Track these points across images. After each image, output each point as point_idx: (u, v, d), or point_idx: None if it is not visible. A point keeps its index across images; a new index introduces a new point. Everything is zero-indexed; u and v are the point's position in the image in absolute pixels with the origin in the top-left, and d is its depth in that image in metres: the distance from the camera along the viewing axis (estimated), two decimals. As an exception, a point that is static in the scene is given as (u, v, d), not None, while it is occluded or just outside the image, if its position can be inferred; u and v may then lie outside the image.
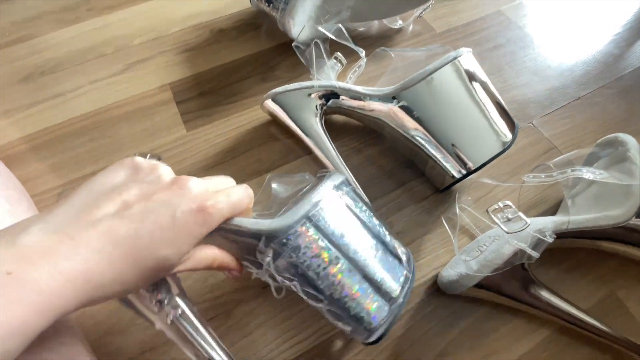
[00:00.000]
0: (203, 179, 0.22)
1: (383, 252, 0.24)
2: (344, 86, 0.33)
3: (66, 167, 0.37)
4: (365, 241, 0.23)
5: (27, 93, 0.42)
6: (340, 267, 0.22)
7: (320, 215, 0.22)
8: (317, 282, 0.22)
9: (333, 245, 0.22)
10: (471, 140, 0.30)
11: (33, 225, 0.15)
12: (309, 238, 0.22)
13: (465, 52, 0.33)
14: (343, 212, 0.23)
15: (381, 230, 0.25)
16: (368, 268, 0.23)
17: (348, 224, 0.23)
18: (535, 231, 0.24)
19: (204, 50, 0.45)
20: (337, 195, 0.24)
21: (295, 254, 0.22)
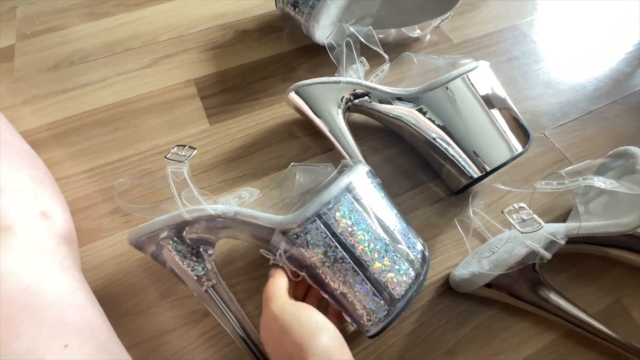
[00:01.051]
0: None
1: (393, 252, 0.25)
2: (370, 85, 0.34)
3: (92, 153, 0.38)
4: (374, 242, 0.24)
5: (55, 81, 0.44)
6: (345, 266, 0.24)
7: (330, 215, 0.24)
8: (322, 277, 0.24)
9: (340, 244, 0.24)
10: (488, 144, 0.32)
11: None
12: (318, 235, 0.23)
13: (483, 64, 0.34)
14: (355, 211, 0.24)
15: (397, 228, 0.26)
16: (373, 269, 0.24)
17: (359, 224, 0.24)
18: (548, 233, 0.25)
19: (228, 49, 0.47)
20: (351, 194, 0.25)
21: (304, 249, 0.24)
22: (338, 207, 0.24)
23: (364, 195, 0.25)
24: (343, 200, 0.24)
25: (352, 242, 0.24)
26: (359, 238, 0.24)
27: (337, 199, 0.24)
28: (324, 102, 0.35)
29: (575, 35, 0.50)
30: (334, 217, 0.24)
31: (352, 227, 0.24)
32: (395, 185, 0.36)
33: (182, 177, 0.26)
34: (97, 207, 0.35)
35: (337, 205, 0.24)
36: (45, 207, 0.28)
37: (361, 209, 0.25)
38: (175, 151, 0.28)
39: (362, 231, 0.24)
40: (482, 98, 0.33)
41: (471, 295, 0.30)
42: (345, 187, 0.25)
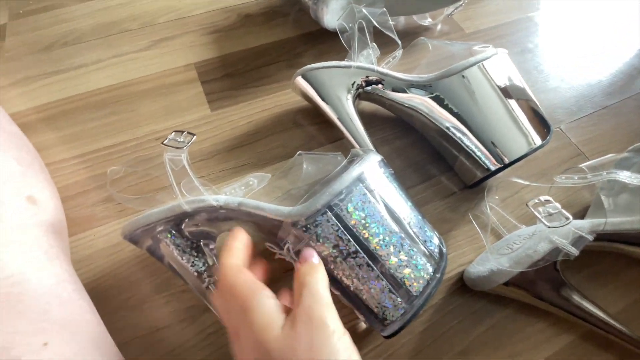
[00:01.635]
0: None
1: (410, 247, 0.23)
2: (382, 70, 0.33)
3: (84, 138, 0.36)
4: (390, 235, 0.22)
5: (47, 62, 0.42)
6: (358, 260, 0.22)
7: (342, 206, 0.22)
8: (333, 272, 0.22)
9: (353, 238, 0.22)
10: (506, 135, 0.30)
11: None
12: (329, 228, 0.22)
13: (502, 52, 0.32)
14: (368, 202, 0.23)
15: (413, 221, 0.24)
16: (389, 264, 0.22)
17: (372, 216, 0.22)
18: (576, 228, 0.23)
19: (230, 34, 0.45)
20: (364, 184, 0.23)
21: (313, 243, 0.22)
22: (350, 198, 0.22)
23: (377, 186, 0.24)
24: (355, 191, 0.22)
25: (365, 235, 0.22)
26: (373, 231, 0.22)
27: (349, 189, 0.22)
28: (333, 87, 0.33)
29: (591, 29, 0.49)
30: (346, 208, 0.22)
31: (365, 219, 0.22)
32: (406, 178, 0.35)
33: (181, 165, 0.24)
34: (89, 194, 0.33)
35: (349, 196, 0.22)
36: (33, 191, 0.26)
37: (374, 200, 0.23)
38: (172, 137, 0.26)
39: (376, 224, 0.22)
40: (499, 87, 0.31)
41: (485, 294, 0.29)
42: (357, 177, 0.23)
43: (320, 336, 0.17)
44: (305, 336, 0.17)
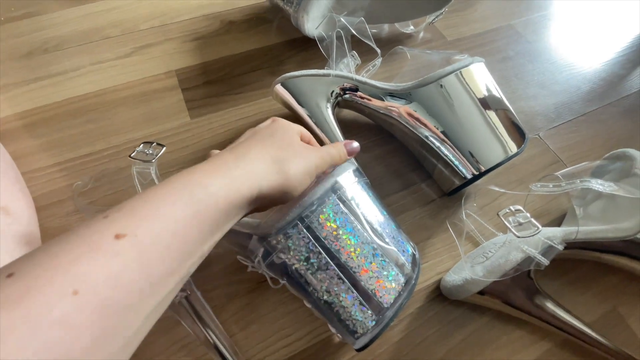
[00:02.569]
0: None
1: (382, 257, 0.23)
2: (361, 79, 0.33)
3: (61, 146, 0.36)
4: (362, 246, 0.22)
5: (27, 69, 0.41)
6: (329, 273, 0.22)
7: (313, 217, 0.22)
8: (304, 286, 0.22)
9: (324, 250, 0.22)
10: (482, 144, 0.30)
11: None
12: (300, 240, 0.22)
13: (478, 61, 0.33)
14: (340, 213, 0.22)
15: (386, 231, 0.24)
16: (360, 276, 0.22)
17: (344, 227, 0.22)
18: (545, 238, 0.23)
19: (213, 40, 0.45)
20: (336, 194, 0.23)
21: (284, 255, 0.22)
22: (322, 209, 0.22)
23: (351, 196, 0.23)
24: (327, 201, 0.22)
25: (337, 247, 0.22)
26: (344, 242, 0.22)
27: (321, 200, 0.22)
28: (312, 95, 0.33)
29: (570, 37, 0.49)
30: (317, 219, 0.22)
31: (338, 230, 0.22)
32: (386, 185, 0.35)
33: (150, 178, 0.24)
34: (64, 204, 0.32)
35: (321, 207, 0.22)
36: (7, 202, 0.26)
37: (347, 211, 0.23)
38: (141, 149, 0.25)
39: (348, 235, 0.22)
40: (476, 96, 0.31)
41: (463, 302, 0.29)
42: (330, 187, 0.23)
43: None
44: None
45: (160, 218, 0.15)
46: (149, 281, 0.14)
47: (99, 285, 0.12)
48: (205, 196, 0.16)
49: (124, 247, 0.13)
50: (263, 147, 0.20)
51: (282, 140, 0.21)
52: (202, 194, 0.16)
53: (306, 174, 0.21)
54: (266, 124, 0.24)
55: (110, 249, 0.13)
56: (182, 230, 0.15)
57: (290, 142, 0.22)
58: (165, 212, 0.15)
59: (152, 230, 0.14)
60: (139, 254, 0.13)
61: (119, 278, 0.13)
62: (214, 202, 0.17)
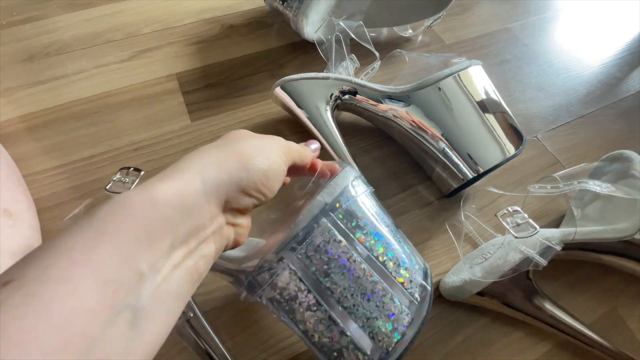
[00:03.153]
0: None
1: (383, 293, 0.20)
2: (359, 82, 0.33)
3: (63, 149, 0.36)
4: (357, 281, 0.19)
5: (30, 73, 0.42)
6: (319, 315, 0.19)
7: (300, 250, 0.19)
8: (295, 324, 0.20)
9: (314, 287, 0.19)
10: (480, 145, 0.30)
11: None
12: (286, 277, 0.19)
13: (476, 64, 0.33)
14: (332, 242, 0.19)
15: (392, 255, 0.21)
16: (355, 318, 0.19)
17: (336, 259, 0.19)
18: (543, 239, 0.24)
19: (213, 44, 0.45)
20: (329, 219, 0.20)
21: (272, 292, 0.19)
22: (310, 239, 0.19)
23: (347, 218, 0.20)
24: (317, 229, 0.19)
25: (327, 284, 0.19)
26: (337, 278, 0.19)
27: (309, 228, 0.19)
28: (311, 98, 0.33)
29: (567, 40, 0.50)
30: (304, 252, 0.19)
31: (329, 263, 0.19)
32: (385, 187, 0.35)
33: None
34: (65, 206, 0.32)
35: (308, 237, 0.19)
36: (9, 204, 0.26)
37: (341, 238, 0.19)
38: (118, 177, 0.24)
39: (341, 269, 0.19)
40: (474, 98, 0.32)
41: (462, 304, 0.29)
42: (320, 212, 0.19)
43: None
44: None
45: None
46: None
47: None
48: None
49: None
50: (201, 153, 0.17)
51: (225, 138, 0.19)
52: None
53: (270, 151, 0.18)
54: None
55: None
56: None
57: (235, 135, 0.19)
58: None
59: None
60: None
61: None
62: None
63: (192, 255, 0.14)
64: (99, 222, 0.12)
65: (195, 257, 0.14)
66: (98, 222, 0.12)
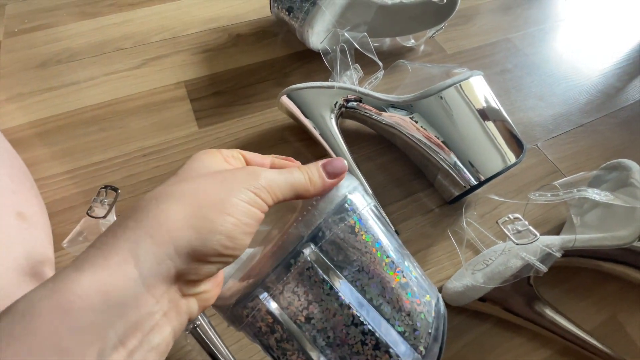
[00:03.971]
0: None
1: (375, 346, 0.16)
2: (363, 90, 0.34)
3: (74, 154, 0.37)
4: (343, 333, 0.16)
5: (41, 79, 0.43)
6: (298, 356, 0.16)
7: (274, 291, 0.16)
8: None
9: (291, 335, 0.16)
10: (481, 154, 0.31)
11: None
12: (260, 320, 0.16)
13: (477, 74, 0.34)
14: (310, 282, 0.16)
15: (382, 297, 0.17)
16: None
17: (317, 304, 0.16)
18: (544, 246, 0.24)
19: (220, 53, 0.46)
20: (308, 253, 0.17)
21: (249, 329, 0.17)
22: (285, 278, 0.16)
23: (334, 248, 0.17)
24: (294, 267, 0.16)
25: (308, 330, 0.16)
26: (318, 325, 0.16)
27: (285, 263, 0.16)
28: (316, 106, 0.34)
29: (567, 50, 0.51)
30: (279, 293, 0.16)
31: (307, 307, 0.16)
32: (388, 194, 0.36)
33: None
34: (75, 210, 0.33)
35: (283, 276, 0.16)
36: (23, 207, 0.27)
37: (322, 275, 0.16)
38: (96, 198, 0.24)
39: (324, 315, 0.16)
40: (475, 107, 0.32)
41: (464, 309, 0.29)
42: (298, 244, 0.17)
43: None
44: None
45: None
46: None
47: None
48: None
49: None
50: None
51: (175, 181, 0.15)
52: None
53: (235, 201, 0.14)
54: None
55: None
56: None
57: (183, 175, 0.15)
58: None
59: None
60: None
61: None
62: None
63: (135, 354, 0.11)
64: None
65: (140, 353, 0.11)
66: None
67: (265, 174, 0.16)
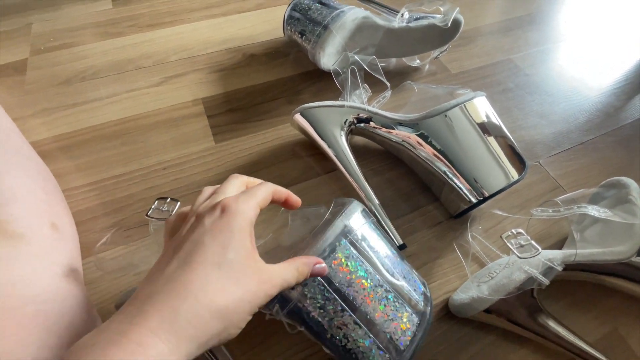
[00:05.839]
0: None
1: (395, 299, 0.23)
2: (372, 109, 0.36)
3: (96, 167, 0.39)
4: (374, 290, 0.23)
5: (65, 95, 0.45)
6: (346, 319, 0.22)
7: (326, 264, 0.22)
8: (322, 332, 0.23)
9: (339, 296, 0.22)
10: (485, 171, 0.33)
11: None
12: (315, 288, 0.22)
13: (480, 95, 0.36)
14: (352, 257, 0.23)
15: (397, 270, 0.25)
16: (376, 320, 0.22)
17: (356, 272, 0.23)
18: (546, 260, 0.25)
19: (235, 72, 0.49)
20: (347, 238, 0.23)
21: (301, 304, 0.22)
22: (334, 255, 0.23)
23: (361, 238, 0.24)
24: (339, 246, 0.23)
25: (351, 292, 0.22)
26: (358, 287, 0.23)
27: (332, 245, 0.23)
28: (327, 124, 0.36)
29: (567, 70, 0.53)
30: (330, 265, 0.22)
31: (351, 275, 0.23)
32: (395, 207, 0.37)
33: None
34: (99, 220, 0.35)
35: (333, 253, 0.23)
36: (55, 219, 0.29)
37: (358, 254, 0.23)
38: (156, 206, 0.26)
39: (362, 279, 0.23)
40: (479, 126, 0.34)
41: (470, 321, 0.30)
42: (341, 232, 0.23)
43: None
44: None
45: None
46: None
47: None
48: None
49: None
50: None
51: (220, 252, 0.17)
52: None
53: (238, 307, 0.17)
54: (209, 220, 0.19)
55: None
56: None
57: (231, 257, 0.17)
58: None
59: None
60: None
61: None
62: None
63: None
64: None
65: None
66: None
67: (278, 281, 0.19)
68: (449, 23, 0.42)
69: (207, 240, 0.18)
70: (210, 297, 0.16)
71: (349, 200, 0.27)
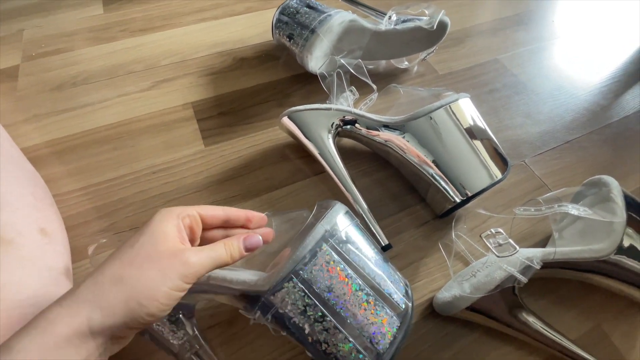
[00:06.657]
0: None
1: (375, 302, 0.23)
2: (358, 112, 0.36)
3: (88, 171, 0.39)
4: (355, 294, 0.23)
5: (57, 101, 0.46)
6: (326, 324, 0.22)
7: (306, 270, 0.23)
8: (303, 337, 0.23)
9: (319, 301, 0.23)
10: (469, 171, 0.33)
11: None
12: (295, 294, 0.23)
13: (464, 96, 0.36)
14: (332, 262, 0.23)
15: (378, 273, 0.25)
16: (356, 324, 0.23)
17: (337, 277, 0.23)
18: (524, 258, 0.26)
19: (226, 75, 0.49)
20: (328, 244, 0.24)
21: (282, 310, 0.23)
22: (315, 260, 0.23)
23: (343, 242, 0.24)
24: (320, 252, 0.23)
25: (332, 297, 0.23)
26: (339, 292, 0.23)
27: (313, 251, 0.23)
28: (315, 127, 0.37)
29: (553, 69, 0.53)
30: (310, 271, 0.23)
31: (332, 279, 0.23)
32: (383, 207, 0.38)
33: None
34: (90, 224, 0.35)
35: (313, 259, 0.23)
36: (45, 224, 0.29)
37: (339, 259, 0.24)
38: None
39: (342, 284, 0.23)
40: (463, 127, 0.35)
41: (454, 319, 0.31)
42: (321, 237, 0.24)
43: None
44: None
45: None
46: None
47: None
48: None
49: None
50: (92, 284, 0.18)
51: (135, 237, 0.19)
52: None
53: (142, 278, 0.18)
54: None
55: None
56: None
57: (144, 239, 0.19)
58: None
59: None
60: None
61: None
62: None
63: None
64: None
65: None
66: None
67: (195, 260, 0.20)
68: (434, 25, 0.43)
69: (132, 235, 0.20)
70: (115, 269, 0.18)
71: (332, 203, 0.27)
